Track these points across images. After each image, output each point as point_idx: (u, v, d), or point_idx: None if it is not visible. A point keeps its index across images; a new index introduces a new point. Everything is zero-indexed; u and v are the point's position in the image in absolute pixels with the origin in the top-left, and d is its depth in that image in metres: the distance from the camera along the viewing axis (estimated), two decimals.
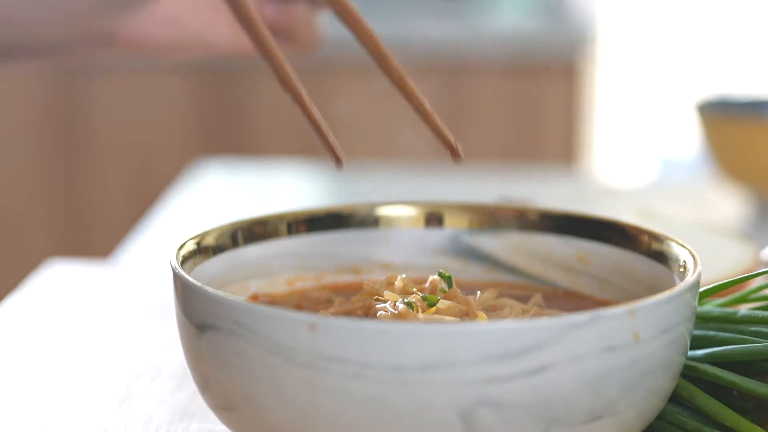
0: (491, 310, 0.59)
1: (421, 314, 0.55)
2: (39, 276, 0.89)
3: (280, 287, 0.63)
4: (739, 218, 1.14)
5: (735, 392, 0.56)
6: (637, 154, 2.68)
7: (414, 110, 0.60)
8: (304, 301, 0.62)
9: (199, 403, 0.64)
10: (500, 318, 0.58)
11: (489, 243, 0.65)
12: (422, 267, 0.63)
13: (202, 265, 0.59)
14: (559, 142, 2.25)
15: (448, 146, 0.61)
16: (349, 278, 0.64)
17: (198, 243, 0.59)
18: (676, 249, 0.57)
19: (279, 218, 0.63)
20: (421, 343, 0.46)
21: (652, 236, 0.60)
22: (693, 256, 0.55)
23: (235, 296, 0.60)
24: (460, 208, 0.65)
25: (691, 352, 0.57)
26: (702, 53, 2.66)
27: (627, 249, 0.61)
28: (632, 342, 0.48)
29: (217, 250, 0.60)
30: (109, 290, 0.87)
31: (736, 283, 0.59)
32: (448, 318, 0.55)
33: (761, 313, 0.58)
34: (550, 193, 1.17)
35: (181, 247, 0.57)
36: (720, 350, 0.56)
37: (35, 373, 0.70)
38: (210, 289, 0.51)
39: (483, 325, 0.46)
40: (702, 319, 0.59)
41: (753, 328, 0.57)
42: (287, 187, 1.33)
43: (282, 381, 0.48)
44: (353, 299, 0.59)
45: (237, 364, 0.49)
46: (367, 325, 0.46)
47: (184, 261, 0.56)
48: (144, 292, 0.86)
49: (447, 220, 0.65)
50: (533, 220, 0.64)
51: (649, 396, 0.50)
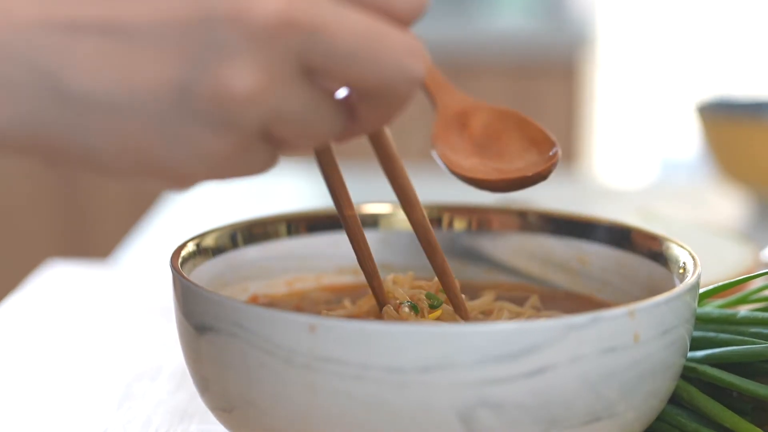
0: (487, 314, 0.59)
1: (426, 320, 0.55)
2: (39, 276, 0.89)
3: (280, 288, 0.63)
4: (738, 219, 1.14)
5: (735, 393, 0.56)
6: (636, 154, 2.68)
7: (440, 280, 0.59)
8: (304, 303, 0.62)
9: (199, 404, 0.64)
10: (496, 320, 0.58)
11: (488, 244, 0.65)
12: (422, 268, 0.63)
13: (201, 266, 0.58)
14: (558, 143, 2.25)
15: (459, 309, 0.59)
16: (348, 279, 0.64)
17: (197, 244, 0.59)
18: (675, 250, 0.57)
19: (278, 219, 0.63)
20: (420, 344, 0.46)
21: (652, 237, 0.60)
22: (693, 257, 0.55)
23: (235, 297, 0.60)
24: (459, 209, 0.65)
25: (690, 354, 0.57)
26: (702, 54, 2.66)
27: (627, 250, 0.61)
28: (632, 343, 0.48)
29: (217, 251, 0.60)
30: (108, 291, 0.87)
31: (736, 284, 0.59)
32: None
33: (761, 315, 0.58)
34: (549, 194, 1.17)
35: (181, 248, 0.57)
36: (720, 351, 0.56)
37: (35, 374, 0.70)
38: (209, 290, 0.51)
39: (482, 326, 0.46)
40: (702, 321, 0.59)
41: (753, 330, 0.57)
42: (286, 188, 1.33)
43: (281, 382, 0.48)
44: (359, 303, 0.59)
45: (236, 365, 0.49)
46: (367, 326, 0.46)
47: (184, 262, 0.56)
48: (144, 292, 0.86)
49: (446, 221, 0.65)
50: (533, 221, 0.64)
51: (649, 397, 0.50)
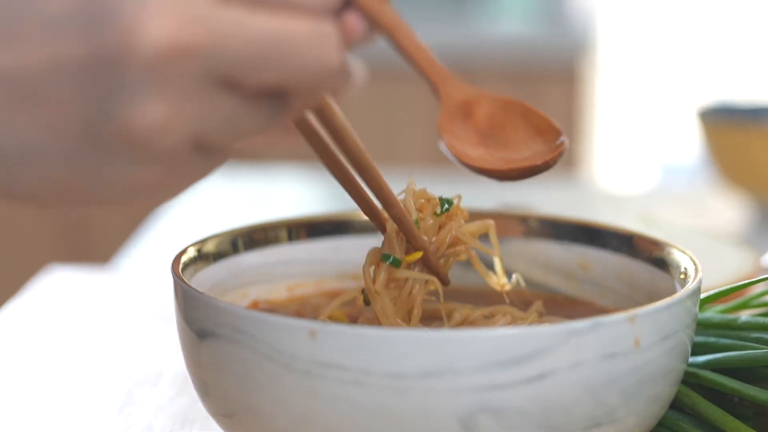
0: (489, 316, 0.59)
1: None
2: (39, 281, 0.89)
3: (281, 294, 0.63)
4: (739, 224, 1.14)
5: (736, 399, 0.56)
6: (637, 160, 2.68)
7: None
8: (305, 308, 0.62)
9: (200, 409, 0.64)
10: (496, 325, 0.58)
11: (489, 249, 0.65)
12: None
13: (202, 272, 0.58)
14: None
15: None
16: (349, 284, 0.64)
17: (198, 249, 0.59)
18: (676, 255, 0.57)
19: (279, 225, 0.63)
20: (421, 350, 0.46)
21: (653, 243, 0.60)
22: (694, 262, 0.55)
23: (235, 303, 0.60)
24: None
25: (692, 359, 0.57)
26: (702, 59, 2.66)
27: (628, 255, 0.61)
28: (633, 349, 0.48)
29: (218, 256, 0.60)
30: (109, 296, 0.87)
31: (737, 289, 0.59)
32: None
33: (762, 320, 0.58)
34: (550, 199, 1.17)
35: (182, 253, 0.57)
36: (721, 357, 0.56)
37: (36, 379, 0.70)
38: (210, 296, 0.51)
39: (483, 332, 0.46)
40: (703, 326, 0.59)
41: (754, 335, 0.57)
42: (287, 193, 1.33)
43: (282, 388, 0.48)
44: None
45: (237, 371, 0.49)
46: (368, 332, 0.46)
47: (185, 268, 0.56)
48: (144, 297, 0.86)
49: None
50: (534, 227, 0.64)
51: (650, 403, 0.50)
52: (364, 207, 0.56)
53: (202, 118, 0.42)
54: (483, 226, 0.59)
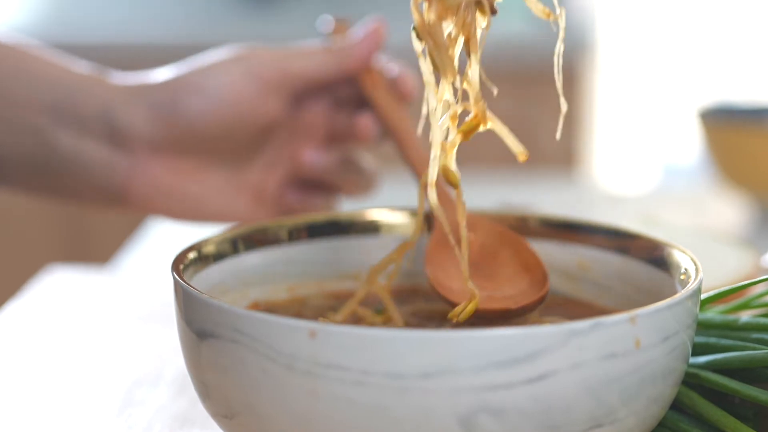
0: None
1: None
2: (39, 282, 0.89)
3: (281, 294, 0.63)
4: (740, 225, 1.14)
5: (737, 399, 0.56)
6: (637, 160, 2.68)
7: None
8: (305, 309, 0.62)
9: (200, 410, 0.64)
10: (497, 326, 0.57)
11: None
12: (423, 273, 0.63)
13: (202, 273, 0.58)
14: (559, 149, 2.25)
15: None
16: (350, 285, 0.64)
17: (198, 250, 0.59)
18: (677, 256, 0.57)
19: (279, 225, 0.63)
20: (421, 350, 0.46)
21: (653, 243, 0.59)
22: (694, 262, 0.55)
23: (236, 304, 0.60)
24: None
25: (692, 359, 0.57)
26: (703, 60, 2.66)
27: (628, 256, 0.61)
28: (633, 349, 0.48)
29: (218, 257, 0.60)
30: (109, 296, 0.87)
31: (738, 290, 0.59)
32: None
33: (763, 320, 0.57)
34: (550, 199, 1.17)
35: (182, 254, 0.57)
36: (721, 357, 0.56)
37: (35, 379, 0.70)
38: (210, 296, 0.51)
39: (483, 332, 0.46)
40: (703, 326, 0.59)
41: (755, 335, 0.57)
42: None
43: (282, 388, 0.48)
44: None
45: (237, 371, 0.49)
46: (367, 332, 0.46)
47: (185, 268, 0.56)
48: (144, 298, 0.86)
49: None
50: (534, 227, 0.64)
51: (651, 403, 0.50)
52: None
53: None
54: None
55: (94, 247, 2.21)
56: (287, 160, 0.78)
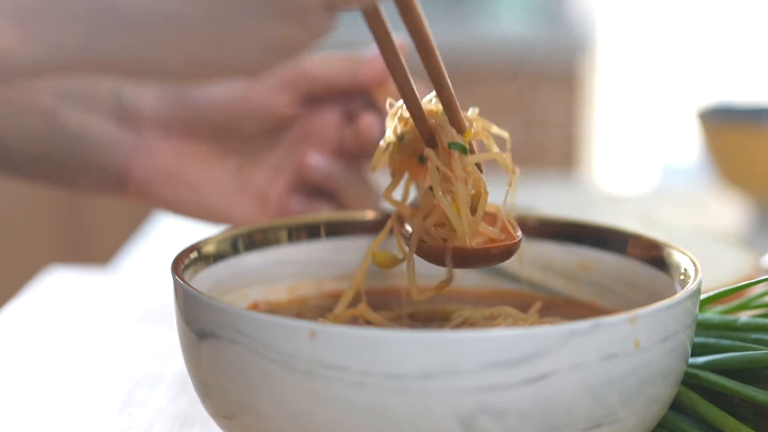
0: (490, 317, 0.59)
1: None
2: (39, 282, 0.89)
3: (281, 295, 0.63)
4: (739, 225, 1.14)
5: (736, 400, 0.56)
6: (637, 160, 2.68)
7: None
8: (305, 309, 0.62)
9: (200, 410, 0.64)
10: (497, 326, 0.58)
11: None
12: (423, 274, 0.63)
13: (202, 273, 0.58)
14: (559, 149, 2.25)
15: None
16: (350, 286, 0.64)
17: (198, 250, 0.59)
18: (676, 256, 0.57)
19: (279, 225, 0.63)
20: (421, 350, 0.46)
21: (653, 244, 0.60)
22: (694, 263, 0.55)
23: (236, 304, 0.60)
24: None
25: (692, 360, 0.57)
26: (702, 60, 2.66)
27: (628, 256, 0.61)
28: (633, 349, 0.48)
29: (218, 257, 0.60)
30: (109, 297, 0.87)
31: (737, 290, 0.59)
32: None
33: (762, 321, 0.58)
34: (550, 199, 1.17)
35: (182, 254, 0.57)
36: (721, 358, 0.56)
37: (36, 380, 0.70)
38: (210, 297, 0.51)
39: (483, 332, 0.46)
40: (703, 327, 0.59)
41: (754, 336, 0.57)
42: None
43: (282, 389, 0.48)
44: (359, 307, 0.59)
45: (237, 372, 0.49)
46: (367, 333, 0.46)
47: (185, 268, 0.56)
48: (144, 298, 0.86)
49: None
50: (534, 227, 0.64)
51: (650, 404, 0.50)
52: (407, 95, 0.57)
53: None
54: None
55: (94, 247, 2.21)
56: (294, 165, 0.78)
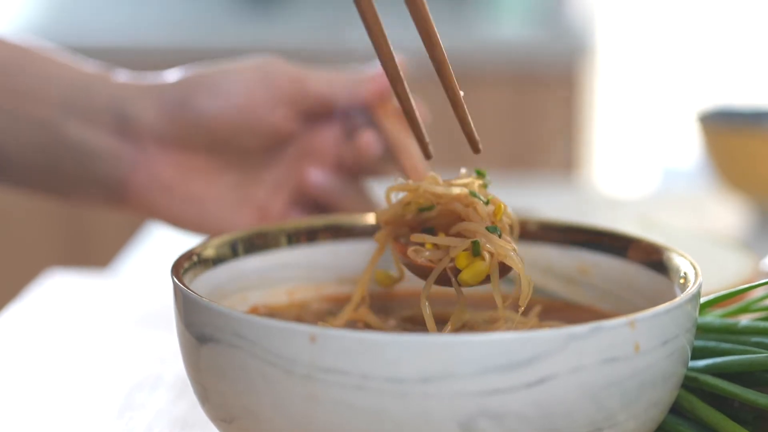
0: (490, 321, 0.59)
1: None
2: (39, 286, 0.89)
3: (280, 298, 0.63)
4: (739, 228, 1.14)
5: (736, 403, 0.56)
6: (637, 163, 2.68)
7: (449, 99, 0.60)
8: (304, 313, 0.62)
9: (199, 414, 0.64)
10: (497, 330, 0.57)
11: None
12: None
13: (202, 276, 0.58)
14: (559, 152, 2.25)
15: (470, 139, 0.61)
16: (349, 289, 0.64)
17: (198, 254, 0.59)
18: (676, 260, 0.57)
19: (279, 229, 0.63)
20: (421, 354, 0.46)
21: (653, 247, 0.60)
22: (694, 266, 0.55)
23: (235, 308, 0.60)
24: None
25: (691, 363, 0.57)
26: (702, 63, 2.66)
27: (627, 260, 0.61)
28: (633, 353, 0.48)
29: (217, 261, 0.60)
30: (109, 300, 0.87)
31: (737, 293, 0.59)
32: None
33: (762, 324, 0.57)
34: (550, 203, 1.17)
35: (182, 258, 0.57)
36: (721, 361, 0.56)
37: (35, 383, 0.70)
38: (210, 300, 0.51)
39: (483, 336, 0.46)
40: (703, 330, 0.59)
41: (754, 339, 0.57)
42: None
43: (282, 393, 0.48)
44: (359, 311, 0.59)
45: (237, 375, 0.49)
46: (367, 336, 0.46)
47: (185, 272, 0.56)
48: (144, 302, 0.86)
49: None
50: (533, 231, 0.64)
51: (650, 407, 0.50)
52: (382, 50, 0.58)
53: None
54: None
55: (94, 250, 2.21)
56: (294, 180, 0.78)
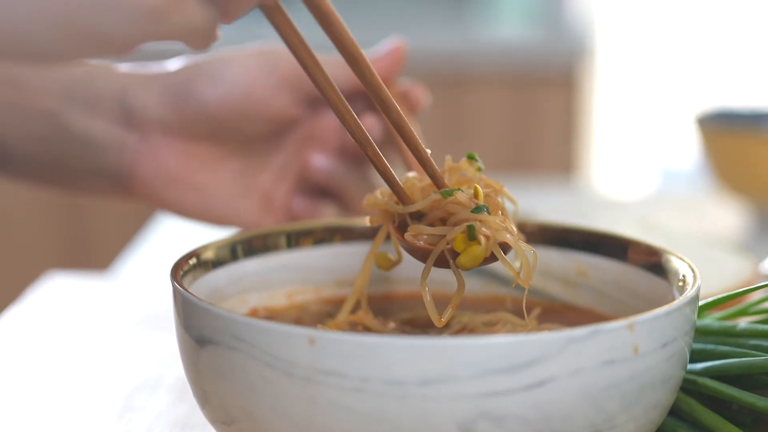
0: (489, 323, 0.59)
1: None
2: (39, 288, 0.89)
3: (280, 300, 0.63)
4: (738, 230, 1.14)
5: (734, 406, 0.56)
6: (636, 165, 2.68)
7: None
8: (304, 315, 0.62)
9: (199, 416, 0.64)
10: (497, 333, 0.58)
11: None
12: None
13: (201, 279, 0.59)
14: (558, 154, 2.25)
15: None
16: (348, 291, 0.64)
17: (198, 256, 0.59)
18: (675, 263, 0.57)
19: (278, 231, 0.63)
20: (420, 357, 0.46)
21: (652, 250, 0.60)
22: (692, 269, 0.55)
23: (235, 310, 0.60)
24: None
25: (690, 366, 0.57)
26: (702, 64, 2.66)
27: (626, 262, 0.61)
28: (632, 356, 0.48)
29: (217, 263, 0.60)
30: (108, 302, 0.87)
31: (736, 296, 0.59)
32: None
33: (761, 327, 0.58)
34: (549, 205, 1.17)
35: (181, 260, 0.57)
36: (719, 364, 0.56)
37: (35, 385, 0.70)
38: (209, 303, 0.51)
39: (482, 339, 0.46)
40: (701, 333, 0.59)
41: (753, 342, 0.57)
42: None
43: (281, 395, 0.48)
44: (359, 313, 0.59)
45: (236, 378, 0.49)
46: (367, 339, 0.46)
47: (184, 275, 0.56)
48: (144, 304, 0.86)
49: None
50: (532, 233, 0.64)
51: (649, 409, 0.50)
52: (344, 117, 0.56)
53: None
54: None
55: (94, 253, 2.21)
56: (298, 166, 0.78)
